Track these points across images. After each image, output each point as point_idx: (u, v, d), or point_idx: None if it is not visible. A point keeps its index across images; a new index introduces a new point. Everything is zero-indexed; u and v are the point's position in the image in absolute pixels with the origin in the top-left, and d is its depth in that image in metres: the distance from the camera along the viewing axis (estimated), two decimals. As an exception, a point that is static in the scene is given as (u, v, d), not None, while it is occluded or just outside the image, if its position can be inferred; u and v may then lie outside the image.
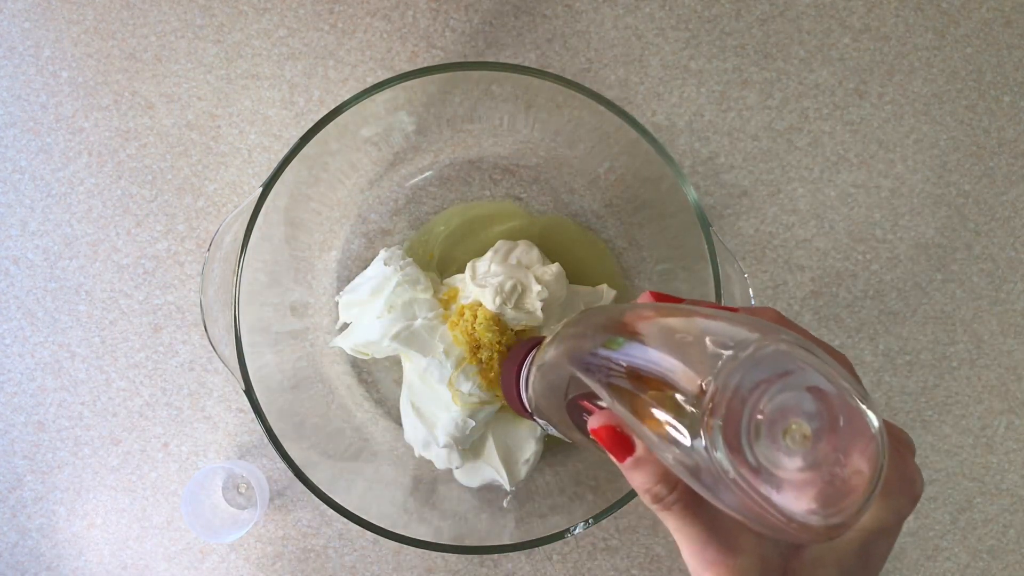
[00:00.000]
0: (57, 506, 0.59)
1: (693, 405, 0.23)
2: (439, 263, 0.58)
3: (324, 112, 0.47)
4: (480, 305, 0.53)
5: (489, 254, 0.55)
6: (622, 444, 0.28)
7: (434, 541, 0.48)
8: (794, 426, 0.22)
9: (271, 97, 0.59)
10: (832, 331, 0.60)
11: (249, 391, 0.46)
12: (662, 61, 0.60)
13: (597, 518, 0.48)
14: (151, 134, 0.59)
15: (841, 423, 0.22)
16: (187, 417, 0.59)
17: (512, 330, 0.53)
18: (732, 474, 0.22)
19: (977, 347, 0.61)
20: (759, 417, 0.22)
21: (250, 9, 0.59)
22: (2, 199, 0.59)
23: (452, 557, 0.59)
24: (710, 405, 0.22)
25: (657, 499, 0.27)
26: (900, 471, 0.27)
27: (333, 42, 0.59)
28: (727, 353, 0.23)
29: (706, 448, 0.22)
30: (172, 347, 0.59)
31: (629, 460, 0.28)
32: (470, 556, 0.59)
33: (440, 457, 0.55)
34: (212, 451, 0.59)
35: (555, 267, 0.54)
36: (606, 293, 0.57)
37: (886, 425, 0.28)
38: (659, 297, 0.31)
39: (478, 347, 0.52)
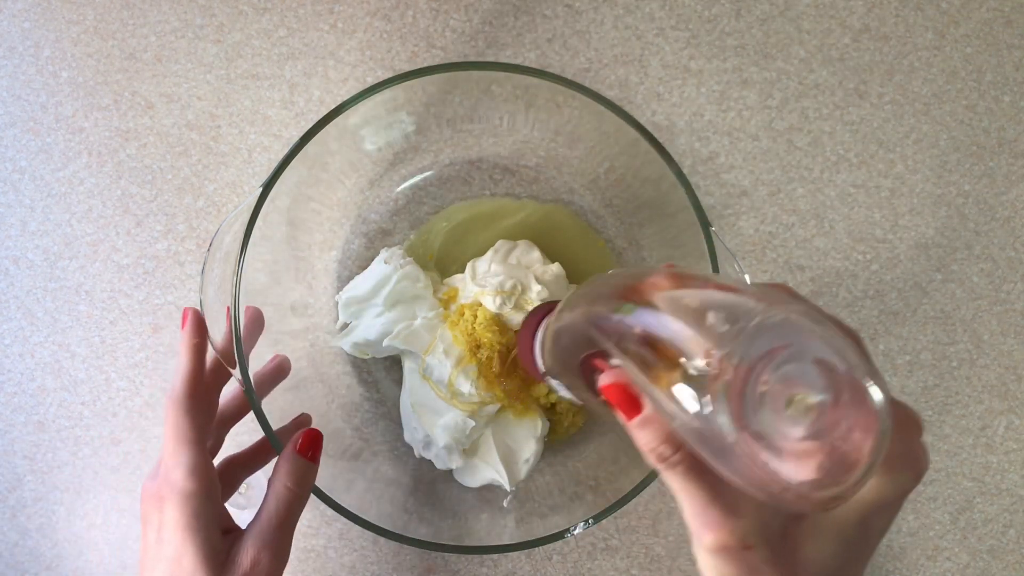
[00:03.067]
0: (57, 506, 0.59)
1: (700, 371, 0.23)
2: (439, 263, 0.58)
3: (324, 112, 0.47)
4: (480, 305, 0.53)
5: (489, 254, 0.55)
6: (631, 402, 0.29)
7: (434, 541, 0.48)
8: (798, 397, 0.22)
9: (271, 97, 0.59)
10: (832, 331, 0.60)
11: (249, 391, 0.46)
12: (662, 61, 0.60)
13: (597, 518, 0.48)
14: (151, 134, 0.59)
15: (845, 397, 0.22)
16: (187, 417, 0.59)
17: (512, 330, 0.53)
18: (734, 439, 0.22)
19: (977, 347, 0.61)
20: (764, 386, 0.22)
21: (250, 9, 0.59)
22: (2, 199, 0.59)
23: (452, 557, 0.59)
24: (716, 371, 0.22)
25: (662, 459, 0.28)
26: (905, 447, 0.27)
27: (333, 42, 0.59)
28: (736, 323, 0.23)
29: (711, 413, 0.23)
30: (172, 347, 0.59)
31: (637, 418, 0.29)
32: (470, 556, 0.59)
33: (440, 457, 0.55)
34: (212, 451, 0.59)
35: (555, 267, 0.54)
36: (606, 293, 0.57)
37: (894, 403, 0.28)
38: (674, 272, 0.31)
39: (478, 347, 0.52)
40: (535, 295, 0.52)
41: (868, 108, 0.61)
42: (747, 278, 0.48)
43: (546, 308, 0.43)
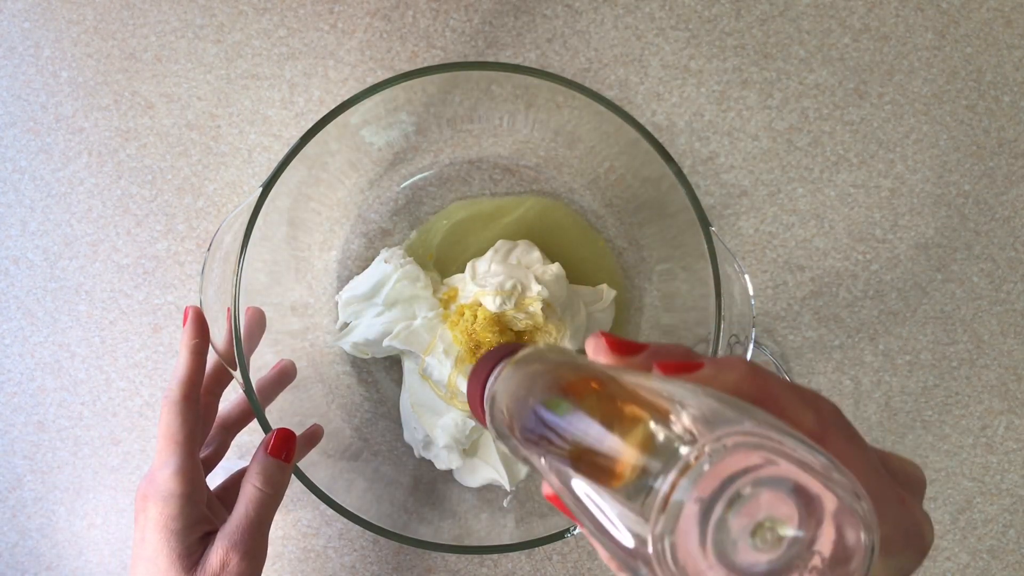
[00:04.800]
0: (57, 506, 0.59)
1: (639, 503, 0.20)
2: (439, 262, 0.58)
3: (324, 112, 0.47)
4: (480, 305, 0.53)
5: (489, 254, 0.55)
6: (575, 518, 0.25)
7: (434, 541, 0.48)
8: (767, 524, 0.19)
9: (271, 97, 0.59)
10: (832, 331, 0.60)
11: (249, 391, 0.46)
12: (662, 61, 0.60)
13: (597, 518, 0.47)
14: (151, 134, 0.59)
15: (823, 519, 0.19)
16: (187, 417, 0.59)
17: (512, 330, 0.53)
18: None
19: (977, 347, 0.61)
20: (721, 521, 0.19)
21: (250, 9, 0.59)
22: (2, 199, 0.59)
23: (452, 557, 0.59)
24: (660, 505, 0.19)
25: (621, 570, 0.24)
26: (903, 523, 0.23)
27: (333, 42, 0.59)
28: (683, 439, 0.19)
29: (656, 555, 0.19)
30: (172, 347, 0.59)
31: (586, 533, 0.25)
32: (470, 556, 0.59)
33: (440, 457, 0.55)
34: (212, 451, 0.59)
35: (555, 267, 0.54)
36: (606, 293, 0.57)
37: (889, 460, 0.25)
38: (615, 344, 0.26)
39: (478, 347, 0.52)
40: (535, 295, 0.52)
41: (868, 108, 0.61)
42: (747, 278, 0.48)
43: (497, 356, 0.36)
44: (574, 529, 0.47)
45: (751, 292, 0.48)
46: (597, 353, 0.27)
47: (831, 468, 0.19)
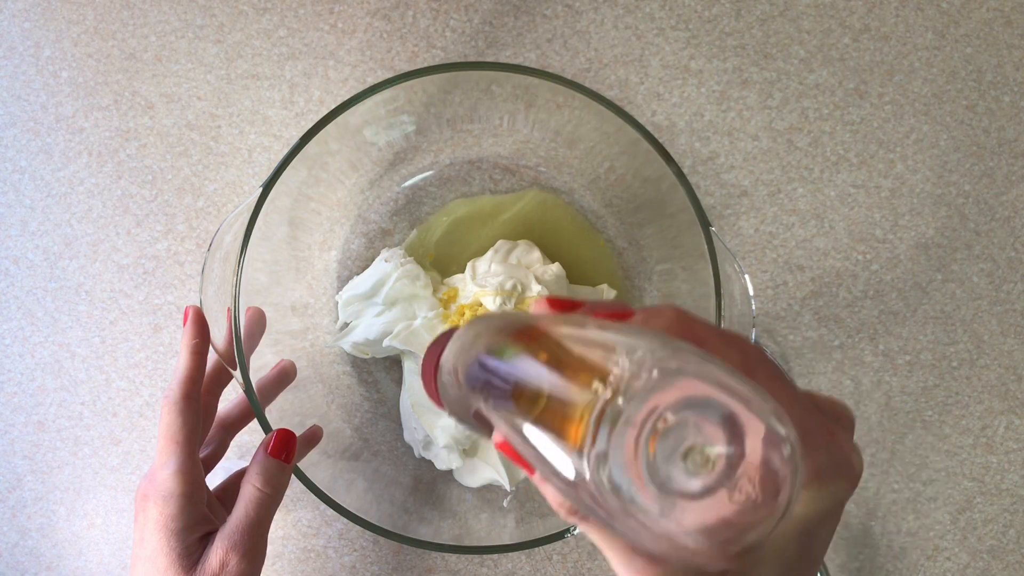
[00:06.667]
0: (57, 506, 0.59)
1: (579, 431, 0.21)
2: (438, 262, 0.58)
3: (324, 112, 0.47)
4: (480, 305, 0.53)
5: (489, 254, 0.55)
6: (523, 462, 0.26)
7: (434, 541, 0.48)
8: (695, 448, 0.20)
9: (271, 97, 0.59)
10: (832, 331, 0.60)
11: (249, 391, 0.46)
12: (662, 61, 0.60)
13: (597, 518, 0.47)
14: (151, 134, 0.59)
15: (746, 442, 0.20)
16: (187, 417, 0.58)
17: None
18: (623, 510, 0.20)
19: (977, 347, 0.61)
20: (650, 445, 0.20)
21: (250, 9, 0.59)
22: (2, 199, 0.59)
23: (452, 557, 0.59)
24: (593, 433, 0.20)
25: (571, 513, 0.26)
26: (833, 454, 0.25)
27: (333, 42, 0.59)
28: (613, 372, 0.21)
29: (592, 477, 0.20)
30: (172, 347, 0.59)
31: (534, 476, 0.26)
32: (470, 556, 0.59)
33: (440, 457, 0.55)
34: (212, 451, 0.59)
35: (555, 267, 0.54)
36: (606, 293, 0.57)
37: (818, 399, 0.26)
38: (555, 303, 0.28)
39: (478, 347, 0.52)
40: (535, 295, 0.52)
41: (868, 108, 0.61)
42: (747, 278, 0.48)
43: (445, 338, 0.37)
44: (574, 529, 0.47)
45: (751, 292, 0.48)
46: (538, 308, 0.28)
47: (756, 393, 0.20)
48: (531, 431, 0.23)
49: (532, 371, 0.24)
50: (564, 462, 0.22)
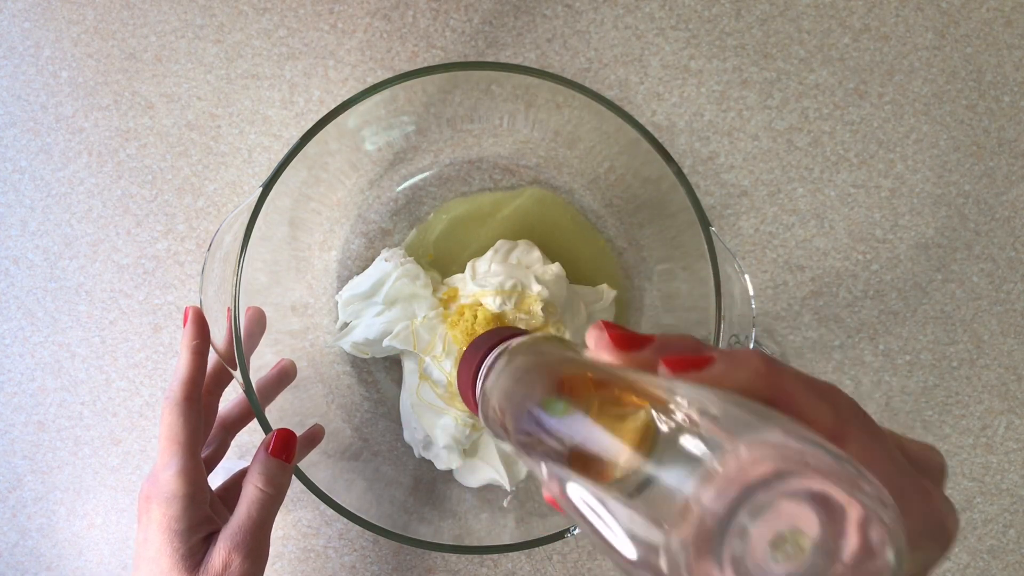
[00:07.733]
0: (57, 506, 0.59)
1: (649, 511, 0.19)
2: (438, 261, 0.58)
3: (324, 112, 0.47)
4: (480, 305, 0.53)
5: (489, 254, 0.55)
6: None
7: (434, 541, 0.48)
8: (788, 534, 0.18)
9: (271, 97, 0.59)
10: (832, 331, 0.60)
11: (249, 391, 0.46)
12: (662, 61, 0.60)
13: (597, 518, 0.47)
14: (151, 134, 0.59)
15: (846, 529, 0.18)
16: (187, 417, 0.58)
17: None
18: None
19: (977, 347, 0.61)
20: (742, 532, 0.18)
21: (250, 9, 0.59)
22: (2, 199, 0.59)
23: (452, 557, 0.59)
24: (680, 518, 0.18)
25: None
26: (928, 517, 0.22)
27: (333, 42, 0.59)
28: (698, 453, 0.18)
29: (671, 569, 0.18)
30: (172, 347, 0.59)
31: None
32: (470, 556, 0.59)
33: (440, 457, 0.55)
34: (212, 451, 0.59)
35: (555, 267, 0.54)
36: (606, 293, 0.57)
37: (908, 449, 0.24)
38: (619, 339, 0.24)
39: (478, 347, 0.52)
40: (535, 295, 0.52)
41: (868, 108, 0.61)
42: (747, 278, 0.48)
43: (488, 343, 0.34)
44: (574, 529, 0.47)
45: (751, 292, 0.48)
46: (599, 347, 0.24)
47: (856, 476, 0.18)
48: (591, 503, 0.21)
49: (593, 437, 0.21)
50: (624, 541, 0.19)
